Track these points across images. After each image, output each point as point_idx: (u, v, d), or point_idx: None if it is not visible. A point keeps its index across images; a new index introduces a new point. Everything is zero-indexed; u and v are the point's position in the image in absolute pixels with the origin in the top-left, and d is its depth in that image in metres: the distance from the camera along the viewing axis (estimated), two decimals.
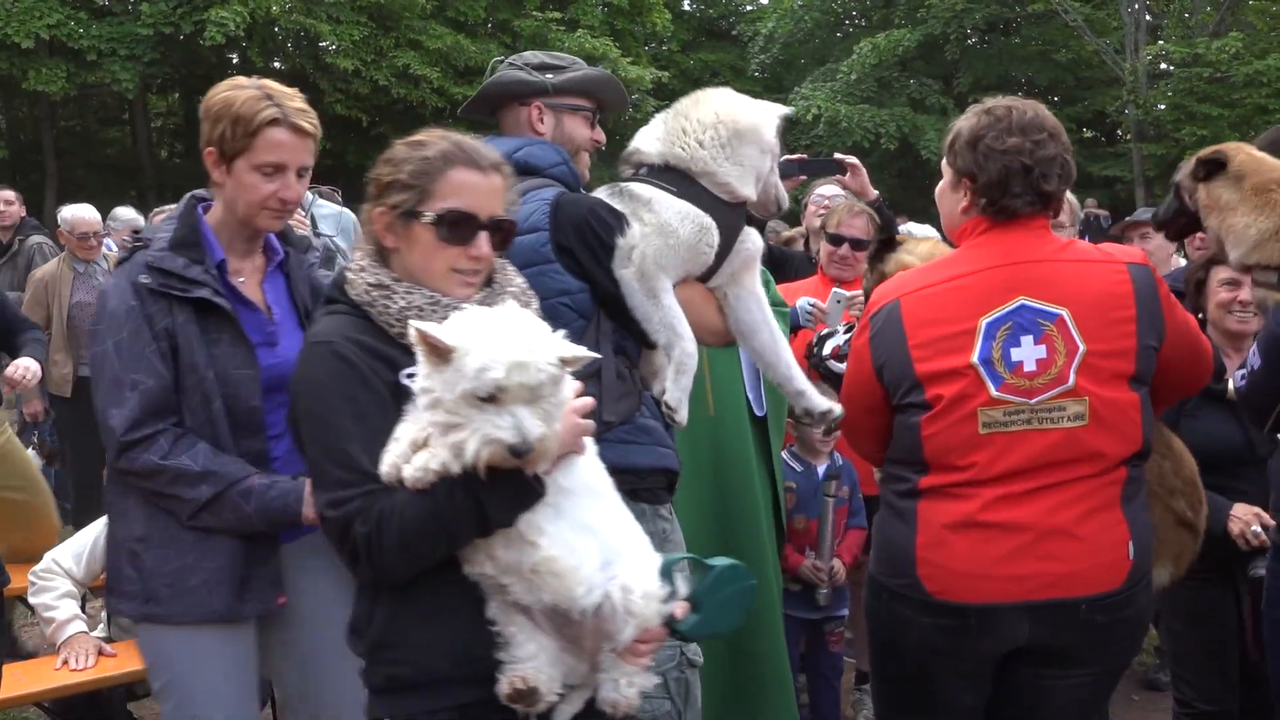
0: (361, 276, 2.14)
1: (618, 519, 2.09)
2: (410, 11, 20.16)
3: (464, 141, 2.16)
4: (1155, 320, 2.52)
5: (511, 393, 1.80)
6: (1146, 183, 22.80)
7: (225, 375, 2.54)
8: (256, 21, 17.94)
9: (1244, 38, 21.78)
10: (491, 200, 2.14)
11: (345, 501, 1.97)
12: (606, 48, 21.05)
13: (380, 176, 2.15)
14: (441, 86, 19.99)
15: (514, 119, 3.00)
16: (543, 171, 2.84)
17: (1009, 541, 2.45)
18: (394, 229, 2.12)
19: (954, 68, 26.33)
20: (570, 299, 2.70)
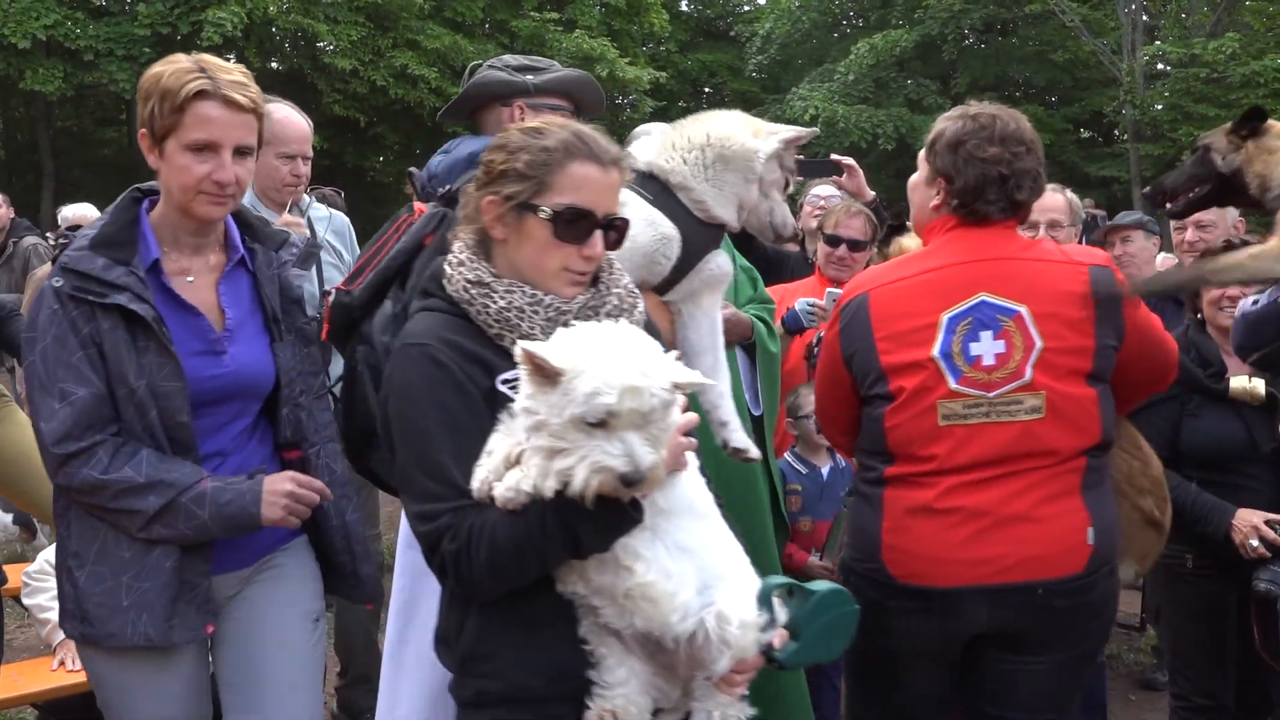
0: (460, 272, 2.04)
1: (718, 540, 1.99)
2: (408, 12, 20.16)
3: (585, 132, 2.05)
4: (1114, 320, 2.59)
5: (623, 419, 1.72)
6: (1143, 183, 22.80)
7: (155, 387, 2.31)
8: (254, 22, 17.93)
9: (1241, 38, 21.80)
10: (609, 197, 2.05)
11: (435, 516, 1.91)
12: (604, 48, 21.06)
13: (493, 163, 2.05)
14: (439, 87, 19.97)
15: (495, 119, 3.02)
16: None
17: (968, 526, 2.53)
18: (505, 220, 2.03)
19: (951, 68, 26.33)
20: None
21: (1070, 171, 23.62)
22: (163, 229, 2.42)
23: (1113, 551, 2.61)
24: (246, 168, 2.41)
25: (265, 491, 2.36)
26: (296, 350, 2.55)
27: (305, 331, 2.59)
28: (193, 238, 2.44)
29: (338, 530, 2.60)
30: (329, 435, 2.60)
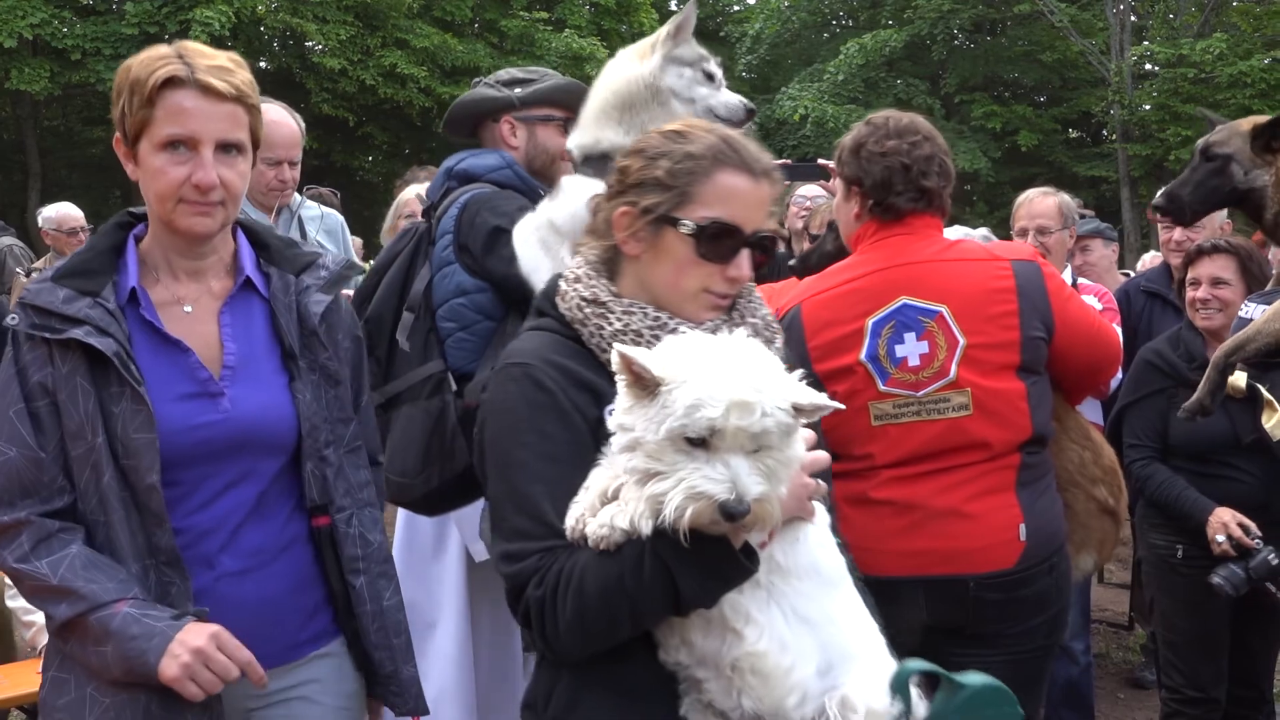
0: (575, 289, 1.84)
1: (848, 613, 1.70)
2: (397, 11, 20.13)
3: (734, 139, 1.84)
4: (1040, 312, 2.67)
5: (729, 438, 1.47)
6: (1131, 183, 22.89)
7: (123, 442, 1.90)
8: (242, 21, 17.90)
9: (1228, 39, 21.87)
10: (759, 212, 1.82)
11: (521, 556, 1.69)
12: (594, 47, 21.05)
13: (629, 169, 1.83)
14: (428, 86, 19.97)
15: (490, 136, 3.03)
16: (480, 177, 2.86)
17: (903, 518, 2.61)
18: (640, 234, 1.80)
19: (940, 68, 26.39)
20: (468, 299, 2.74)
21: (1059, 171, 23.68)
22: (153, 253, 2.06)
23: (1049, 549, 2.66)
24: (237, 169, 2.03)
25: (174, 641, 1.84)
26: (320, 392, 2.10)
27: (330, 369, 2.12)
28: (187, 259, 2.06)
29: (373, 618, 2.13)
30: (366, 499, 2.16)
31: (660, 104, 2.54)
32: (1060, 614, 2.73)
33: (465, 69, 20.51)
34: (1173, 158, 21.19)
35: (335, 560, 2.09)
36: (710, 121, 2.44)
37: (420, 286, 2.86)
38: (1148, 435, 3.68)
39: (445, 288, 2.76)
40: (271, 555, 2.02)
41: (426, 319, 2.84)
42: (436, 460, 2.77)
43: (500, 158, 2.89)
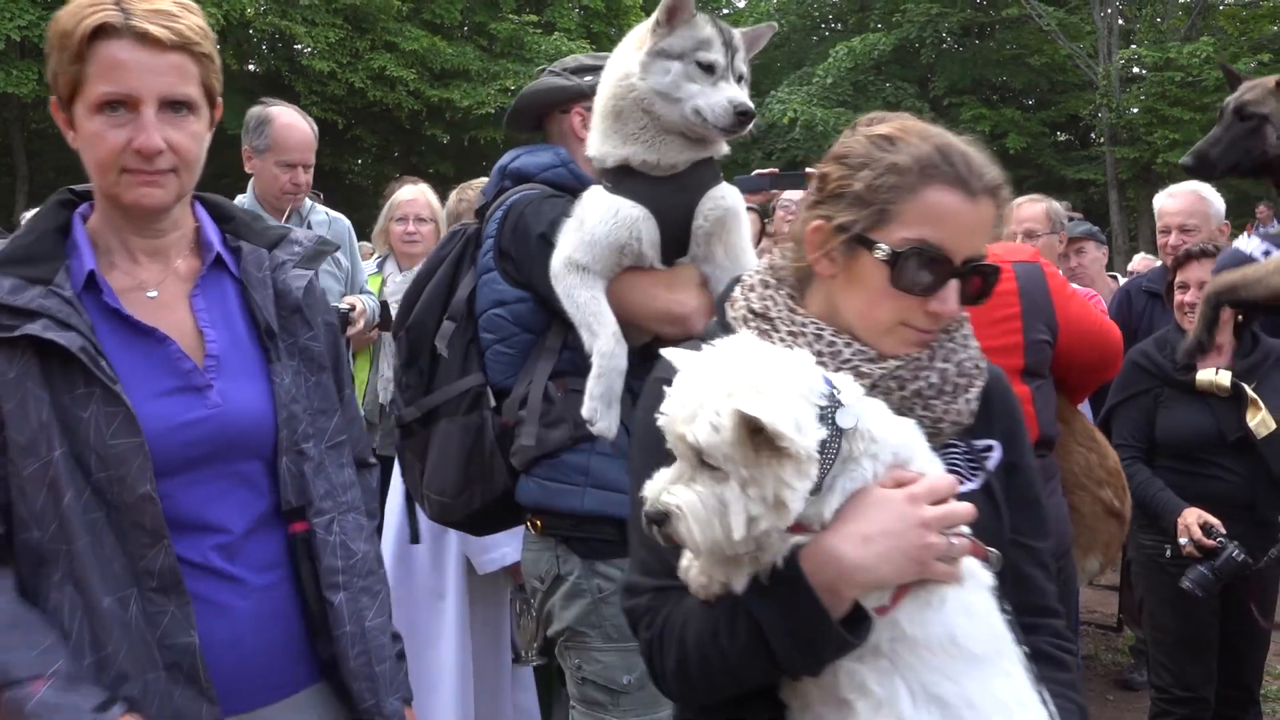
0: (747, 298, 1.64)
1: (997, 699, 1.42)
2: (386, 14, 20.10)
3: (953, 148, 1.57)
4: (1044, 314, 2.67)
5: (675, 448, 1.37)
6: (1119, 185, 22.96)
7: (104, 450, 1.62)
8: (231, 24, 17.85)
9: (1215, 42, 21.97)
10: (975, 237, 1.55)
11: (637, 591, 1.58)
12: (583, 50, 21.03)
13: (827, 177, 1.60)
14: (417, 89, 19.94)
15: (558, 129, 2.77)
16: (534, 177, 2.64)
17: None
18: (833, 254, 1.56)
19: (929, 71, 26.44)
20: (507, 310, 2.55)
21: (1047, 174, 23.74)
22: (104, 234, 1.79)
23: (1055, 553, 2.64)
24: (188, 130, 1.74)
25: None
26: (301, 379, 1.84)
27: (312, 352, 1.86)
28: (143, 238, 1.79)
29: (353, 642, 1.82)
30: (349, 502, 1.88)
31: (645, 109, 2.31)
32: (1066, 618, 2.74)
33: (454, 72, 20.50)
34: (1160, 160, 21.27)
35: (312, 573, 1.79)
36: (702, 126, 2.30)
37: (464, 293, 2.66)
38: (1133, 435, 3.71)
39: (486, 296, 2.59)
40: (259, 572, 1.76)
41: (468, 328, 2.65)
42: (477, 480, 2.58)
43: (555, 155, 2.66)
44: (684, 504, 1.34)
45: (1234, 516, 3.47)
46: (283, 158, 4.20)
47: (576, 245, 2.37)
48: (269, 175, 4.24)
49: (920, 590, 1.39)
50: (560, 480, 2.45)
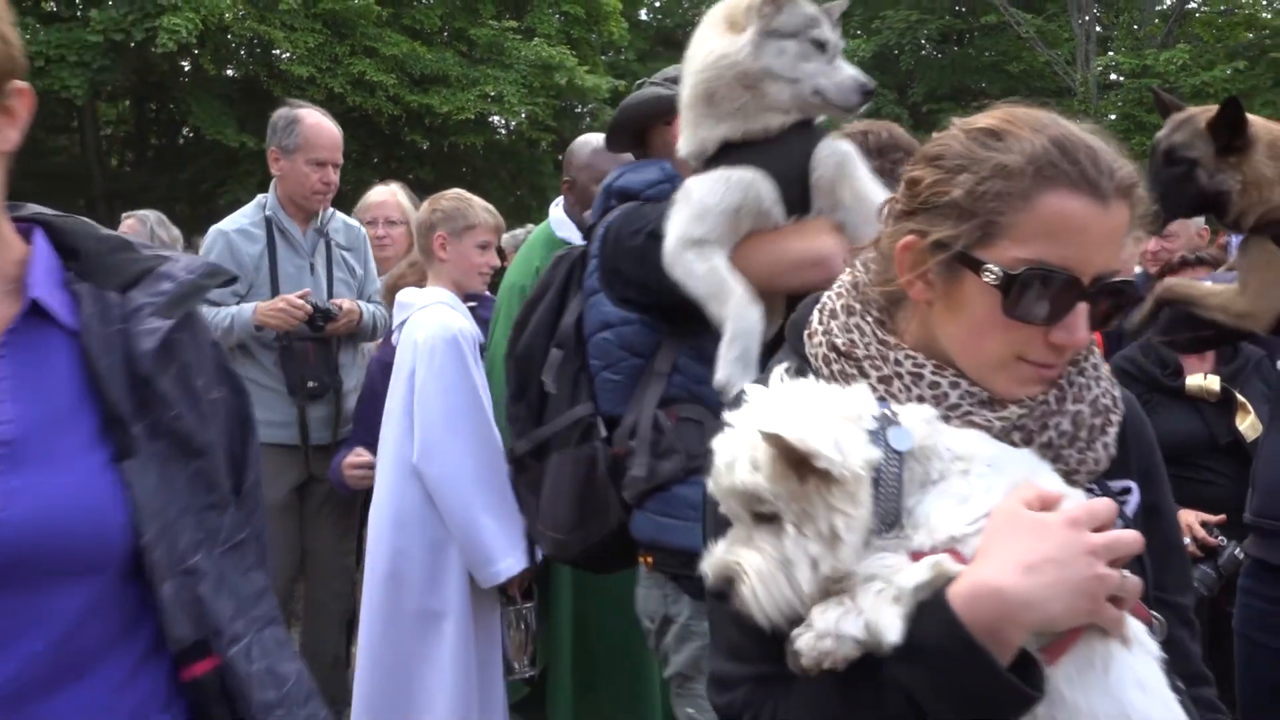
0: (829, 327, 1.37)
1: None
2: (365, 19, 20.03)
3: (1073, 138, 1.30)
4: None
5: (732, 514, 1.21)
6: None
7: None
8: (209, 28, 17.74)
9: (1191, 50, 22.15)
10: (1106, 249, 1.27)
11: (730, 683, 1.32)
12: (563, 56, 21.02)
13: (918, 183, 1.31)
14: (397, 94, 19.86)
15: (661, 142, 2.66)
16: (640, 194, 2.49)
17: None
18: (929, 276, 1.29)
19: (908, 78, 26.54)
20: (613, 333, 2.43)
21: None
22: None
23: None
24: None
25: None
26: (172, 471, 1.34)
27: (182, 432, 1.35)
28: None
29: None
30: (265, 614, 1.42)
31: (751, 88, 2.16)
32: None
33: (434, 77, 20.43)
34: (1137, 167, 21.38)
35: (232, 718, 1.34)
36: (822, 105, 2.18)
37: (571, 319, 2.54)
38: None
39: (592, 319, 2.48)
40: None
41: (577, 356, 2.53)
42: (591, 515, 2.46)
43: (660, 170, 2.53)
44: (745, 562, 1.16)
45: (1223, 519, 3.49)
46: (313, 156, 4.26)
47: (688, 221, 2.22)
48: (299, 175, 4.29)
49: (1081, 646, 1.14)
50: (671, 515, 2.32)
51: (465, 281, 3.81)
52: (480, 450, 3.50)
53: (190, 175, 21.83)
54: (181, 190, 21.88)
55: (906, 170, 1.36)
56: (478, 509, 3.46)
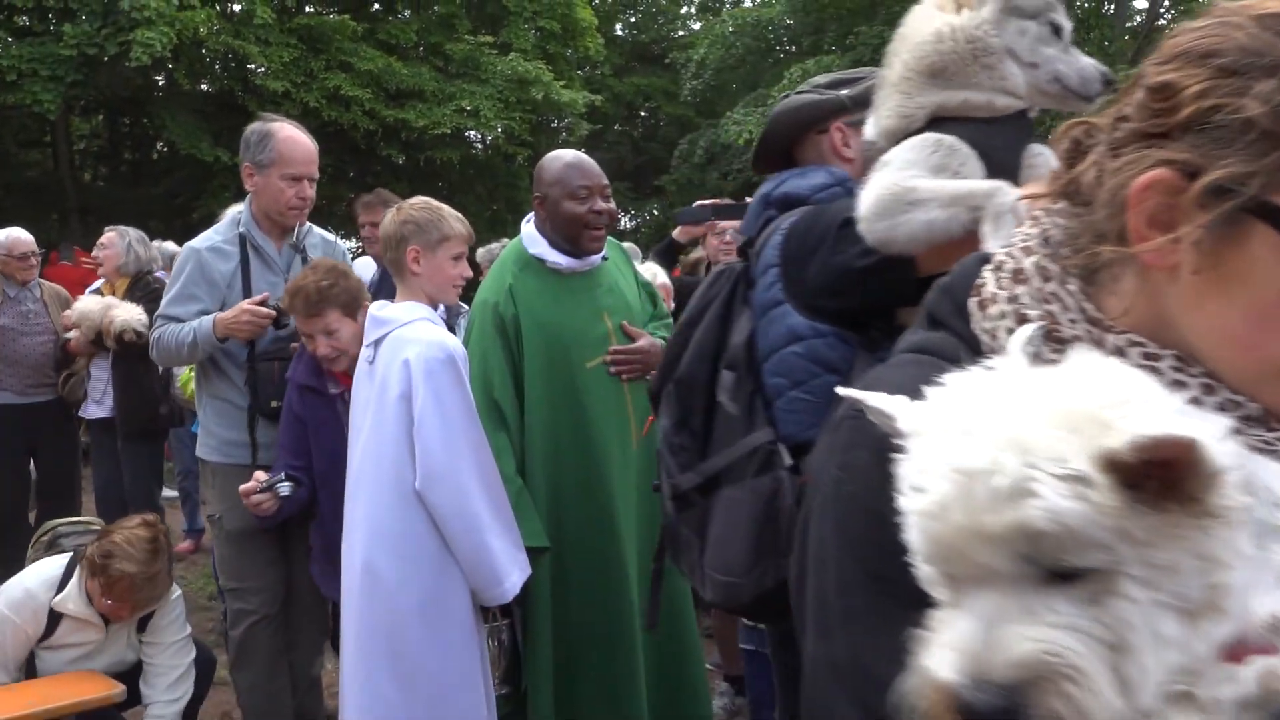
0: (1016, 296, 0.97)
1: None
2: (340, 34, 20.02)
3: None
4: None
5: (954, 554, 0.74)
6: None
7: None
8: (183, 43, 17.68)
9: None
10: None
11: None
12: (539, 71, 21.06)
13: (1175, 89, 0.89)
14: (373, 109, 19.84)
15: (815, 151, 2.48)
16: (808, 200, 2.34)
17: None
18: (1196, 236, 0.86)
19: None
20: (803, 346, 2.19)
21: None
22: None
23: None
24: None
25: None
26: None
27: None
28: None
29: None
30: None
31: (985, 67, 1.95)
32: None
33: (410, 92, 20.42)
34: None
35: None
36: (1060, 92, 2.00)
37: (740, 338, 2.33)
38: None
39: (773, 335, 2.24)
40: None
41: (750, 378, 2.30)
42: (770, 554, 2.20)
43: (829, 175, 2.36)
44: (1066, 652, 0.69)
45: None
46: (288, 171, 4.14)
47: (893, 175, 1.95)
48: (273, 190, 4.17)
49: None
50: None
51: (440, 295, 3.68)
52: (482, 470, 3.46)
53: (164, 190, 21.71)
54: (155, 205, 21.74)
55: (1149, 73, 0.95)
56: (485, 532, 3.42)
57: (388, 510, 3.45)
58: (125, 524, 4.14)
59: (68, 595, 4.13)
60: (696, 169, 24.99)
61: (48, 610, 4.13)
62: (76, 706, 3.95)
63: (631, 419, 3.92)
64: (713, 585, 2.31)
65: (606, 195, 3.91)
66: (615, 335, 3.93)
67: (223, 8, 19.89)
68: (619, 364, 3.90)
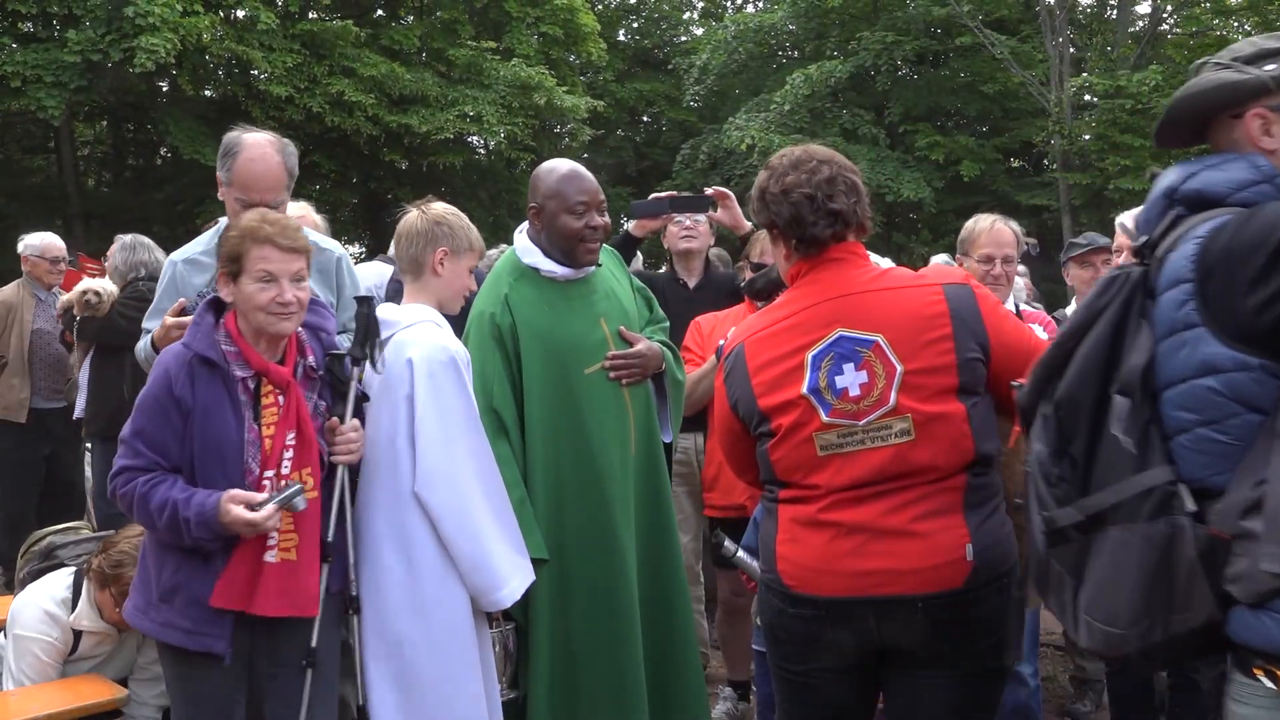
0: None
1: None
2: (343, 39, 20.06)
3: None
4: (975, 333, 2.72)
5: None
6: (1072, 211, 23.26)
7: None
8: (187, 49, 17.73)
9: (1163, 70, 22.35)
10: None
11: None
12: (542, 76, 21.10)
13: None
14: (376, 115, 19.89)
15: (1227, 137, 2.18)
16: (1225, 200, 2.06)
17: (851, 539, 2.66)
18: None
19: (885, 99, 26.70)
20: (1221, 381, 1.94)
21: (1001, 200, 24.01)
22: None
23: (998, 570, 2.70)
24: None
25: None
26: None
27: None
28: None
29: None
30: None
31: None
32: (1010, 637, 2.76)
33: (412, 97, 20.47)
34: (1112, 186, 21.57)
35: None
36: None
37: (1139, 360, 2.05)
38: None
39: (1181, 362, 1.99)
40: None
41: (1146, 406, 2.05)
42: (1162, 609, 2.00)
43: (1253, 168, 2.05)
44: None
45: None
46: (241, 196, 3.82)
47: None
48: (232, 210, 3.89)
49: None
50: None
51: (450, 303, 3.66)
52: (482, 473, 3.44)
53: (167, 195, 21.74)
54: (159, 211, 21.78)
55: None
56: (485, 536, 3.40)
57: (387, 512, 3.43)
58: (127, 532, 4.14)
59: (81, 613, 4.17)
60: (699, 174, 25.00)
61: (70, 629, 4.18)
62: (81, 710, 3.97)
63: (631, 424, 3.92)
64: (1089, 631, 2.10)
65: (603, 209, 3.90)
66: (613, 341, 3.93)
67: (226, 13, 19.93)
68: (617, 369, 3.90)
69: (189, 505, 3.08)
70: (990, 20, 25.11)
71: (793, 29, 28.08)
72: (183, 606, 3.18)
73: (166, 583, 3.20)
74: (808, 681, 2.81)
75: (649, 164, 28.25)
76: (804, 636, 2.76)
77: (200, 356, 3.20)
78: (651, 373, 4.00)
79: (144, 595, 3.31)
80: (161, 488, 3.12)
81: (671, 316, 4.42)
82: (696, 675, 4.10)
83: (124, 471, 3.20)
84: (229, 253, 3.25)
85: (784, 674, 2.86)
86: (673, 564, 4.04)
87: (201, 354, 3.20)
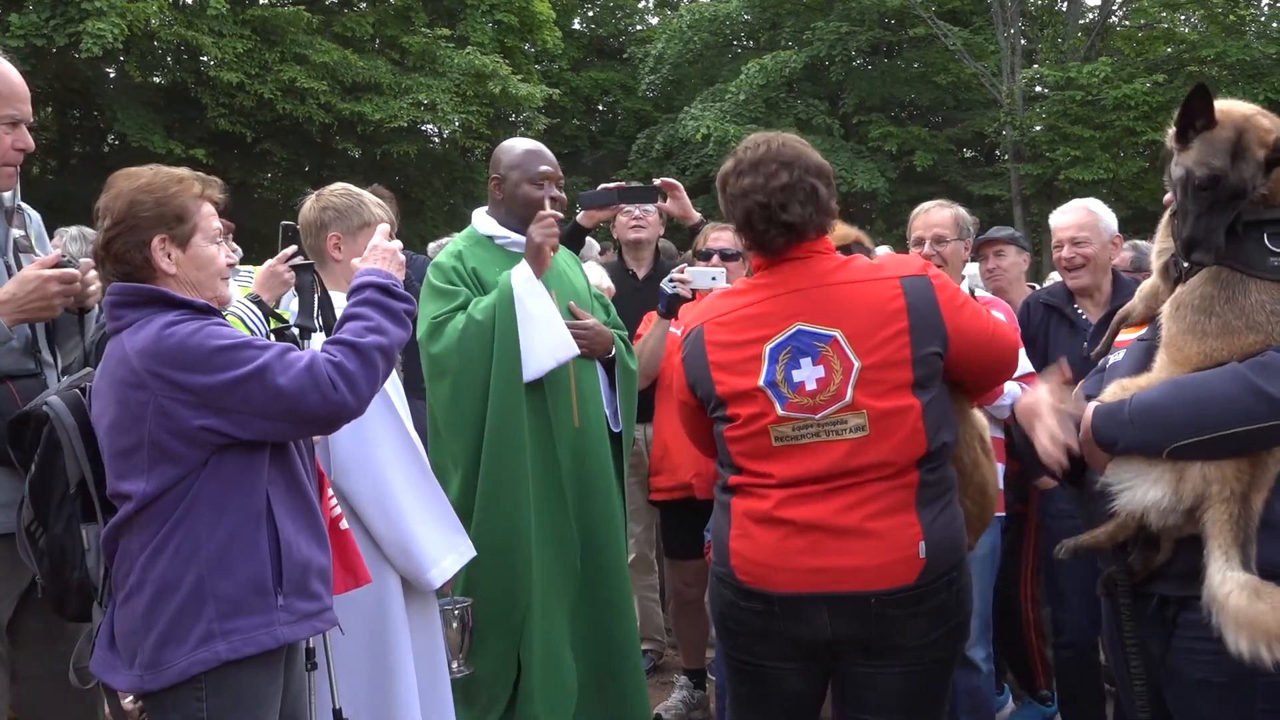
0: None
1: None
2: (295, 26, 19.83)
3: None
4: (933, 326, 2.71)
5: None
6: (1024, 201, 23.53)
7: None
8: (135, 34, 17.46)
9: (1113, 63, 22.65)
10: None
11: None
12: (497, 65, 20.98)
13: None
14: (328, 102, 19.67)
15: None
16: None
17: (805, 537, 2.65)
18: None
19: (839, 89, 26.85)
20: None
21: (953, 191, 24.24)
22: None
23: (949, 564, 2.72)
24: None
25: None
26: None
27: None
28: None
29: None
30: None
31: None
32: (960, 625, 2.79)
33: (366, 85, 20.28)
34: (1063, 177, 21.85)
35: None
36: None
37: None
38: None
39: None
40: None
41: None
42: None
43: None
44: None
45: None
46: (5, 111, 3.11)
47: None
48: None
49: None
50: None
51: None
52: (401, 456, 3.36)
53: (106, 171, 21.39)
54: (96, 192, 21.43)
55: None
56: (407, 519, 3.34)
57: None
58: None
59: None
60: (655, 163, 25.00)
61: None
62: None
63: (573, 394, 3.95)
64: None
65: (560, 184, 4.05)
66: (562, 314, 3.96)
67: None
68: None
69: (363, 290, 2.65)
70: (943, 11, 25.33)
71: (748, 19, 28.14)
72: (311, 585, 2.61)
73: (298, 560, 2.56)
74: (759, 670, 2.83)
75: (604, 153, 28.21)
76: (755, 629, 2.76)
77: None
78: (600, 352, 4.03)
79: (222, 606, 2.46)
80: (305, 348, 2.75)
81: (621, 307, 4.44)
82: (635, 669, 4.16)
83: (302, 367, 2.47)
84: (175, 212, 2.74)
85: (735, 663, 2.88)
86: (611, 535, 4.08)
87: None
